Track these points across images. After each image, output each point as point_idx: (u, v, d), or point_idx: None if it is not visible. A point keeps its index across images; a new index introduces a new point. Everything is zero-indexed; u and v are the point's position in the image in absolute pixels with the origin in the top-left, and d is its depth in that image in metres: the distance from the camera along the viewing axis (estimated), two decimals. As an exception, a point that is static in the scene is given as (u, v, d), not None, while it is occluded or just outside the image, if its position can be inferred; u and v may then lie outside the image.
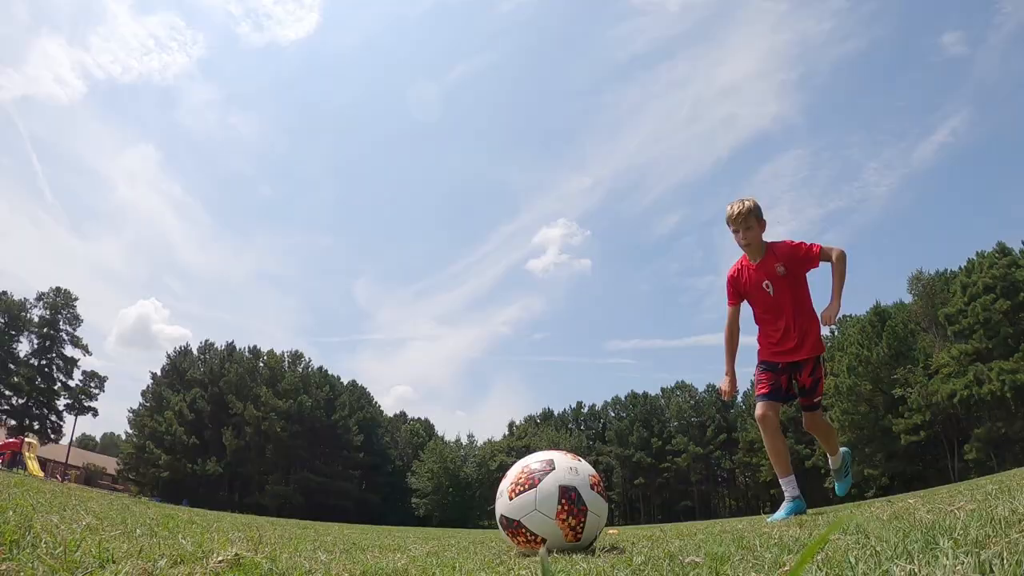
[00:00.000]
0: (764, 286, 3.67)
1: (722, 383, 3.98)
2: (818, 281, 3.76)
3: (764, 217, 3.73)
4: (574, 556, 1.71)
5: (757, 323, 3.86)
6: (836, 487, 4.27)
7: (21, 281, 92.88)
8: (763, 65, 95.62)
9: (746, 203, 3.67)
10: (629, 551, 1.83)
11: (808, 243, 3.68)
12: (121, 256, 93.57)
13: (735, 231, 3.74)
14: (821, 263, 3.67)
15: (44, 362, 40.40)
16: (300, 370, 54.55)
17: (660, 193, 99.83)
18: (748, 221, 3.67)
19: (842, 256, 3.58)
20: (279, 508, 45.60)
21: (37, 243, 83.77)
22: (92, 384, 41.64)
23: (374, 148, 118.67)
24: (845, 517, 2.15)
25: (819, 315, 3.56)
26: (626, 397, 59.01)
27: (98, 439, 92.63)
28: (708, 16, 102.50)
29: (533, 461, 2.24)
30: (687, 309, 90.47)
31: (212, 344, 53.25)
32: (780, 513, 3.56)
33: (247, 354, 53.31)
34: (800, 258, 3.64)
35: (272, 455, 48.64)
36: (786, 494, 3.62)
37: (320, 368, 57.19)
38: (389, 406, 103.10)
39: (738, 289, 3.84)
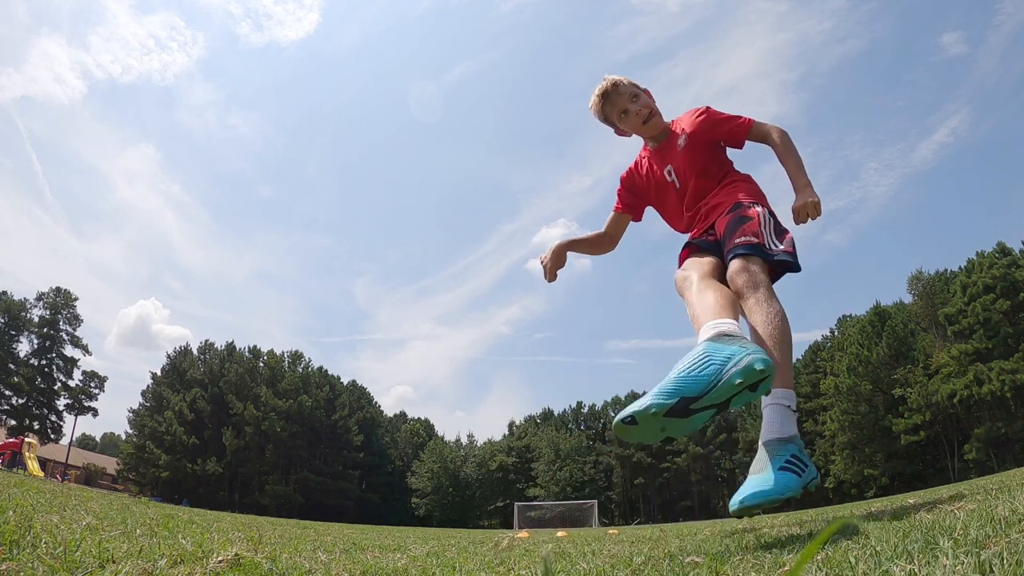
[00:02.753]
0: (667, 174, 2.37)
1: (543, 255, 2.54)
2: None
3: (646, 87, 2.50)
4: (574, 556, 1.71)
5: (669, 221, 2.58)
6: (750, 487, 1.51)
7: (21, 281, 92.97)
8: (763, 65, 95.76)
9: (613, 76, 2.46)
10: (629, 551, 1.83)
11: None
12: (121, 256, 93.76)
13: (621, 113, 2.42)
14: (751, 142, 2.37)
15: (44, 362, 40.38)
16: (300, 370, 54.57)
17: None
18: (627, 88, 2.42)
19: (784, 133, 2.31)
20: (279, 508, 45.62)
21: (37, 243, 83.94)
22: (92, 384, 41.62)
23: (374, 148, 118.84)
24: (845, 517, 2.15)
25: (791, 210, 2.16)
26: (626, 397, 59.00)
27: (98, 439, 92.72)
28: (708, 16, 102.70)
29: None
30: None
31: (212, 344, 53.31)
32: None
33: (247, 354, 53.31)
34: (709, 122, 2.35)
35: (272, 455, 48.64)
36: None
37: (320, 368, 57.27)
38: (389, 406, 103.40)
39: (634, 189, 2.55)
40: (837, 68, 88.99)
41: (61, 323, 41.58)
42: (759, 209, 2.08)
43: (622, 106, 2.41)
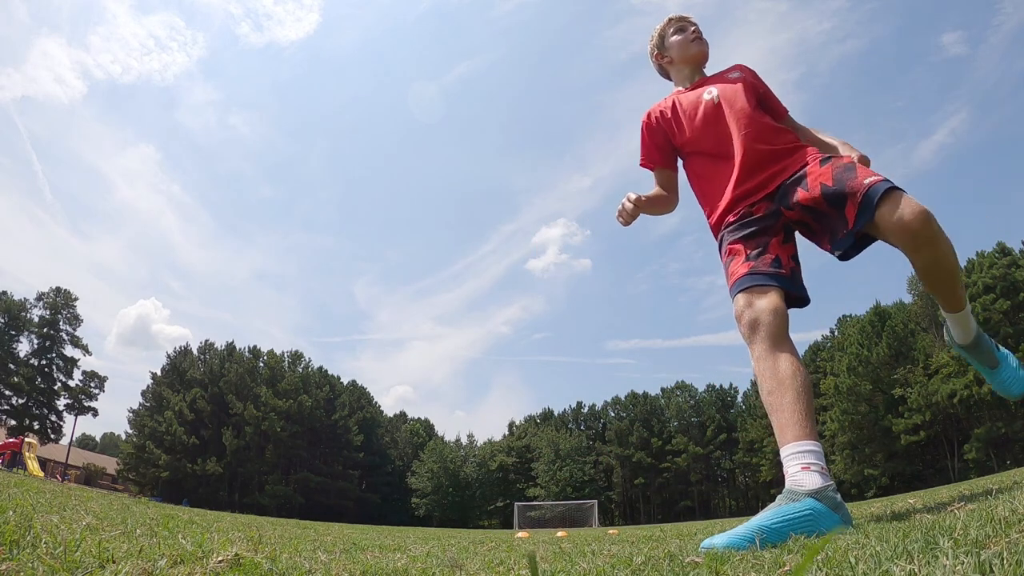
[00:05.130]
0: (707, 95, 2.21)
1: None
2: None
3: None
4: (574, 556, 1.71)
5: (695, 180, 2.28)
6: (997, 381, 2.00)
7: (21, 281, 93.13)
8: (763, 65, 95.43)
9: None
10: (629, 551, 1.83)
11: None
12: (121, 256, 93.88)
13: (679, 29, 2.42)
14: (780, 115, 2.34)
15: (44, 362, 40.38)
16: (300, 370, 54.59)
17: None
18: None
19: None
20: (279, 508, 45.63)
21: (37, 243, 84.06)
22: (92, 384, 41.62)
23: (374, 148, 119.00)
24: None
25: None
26: (626, 397, 59.06)
27: (98, 439, 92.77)
28: (708, 16, 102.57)
29: None
30: (687, 309, 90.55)
31: (212, 344, 53.35)
32: (770, 516, 1.48)
33: (247, 354, 53.34)
34: (760, 80, 2.32)
35: (272, 455, 48.66)
36: (797, 479, 1.54)
37: (320, 368, 57.31)
38: (389, 406, 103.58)
39: (661, 130, 2.33)
40: (837, 68, 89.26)
41: (61, 323, 41.58)
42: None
43: (683, 24, 2.42)
